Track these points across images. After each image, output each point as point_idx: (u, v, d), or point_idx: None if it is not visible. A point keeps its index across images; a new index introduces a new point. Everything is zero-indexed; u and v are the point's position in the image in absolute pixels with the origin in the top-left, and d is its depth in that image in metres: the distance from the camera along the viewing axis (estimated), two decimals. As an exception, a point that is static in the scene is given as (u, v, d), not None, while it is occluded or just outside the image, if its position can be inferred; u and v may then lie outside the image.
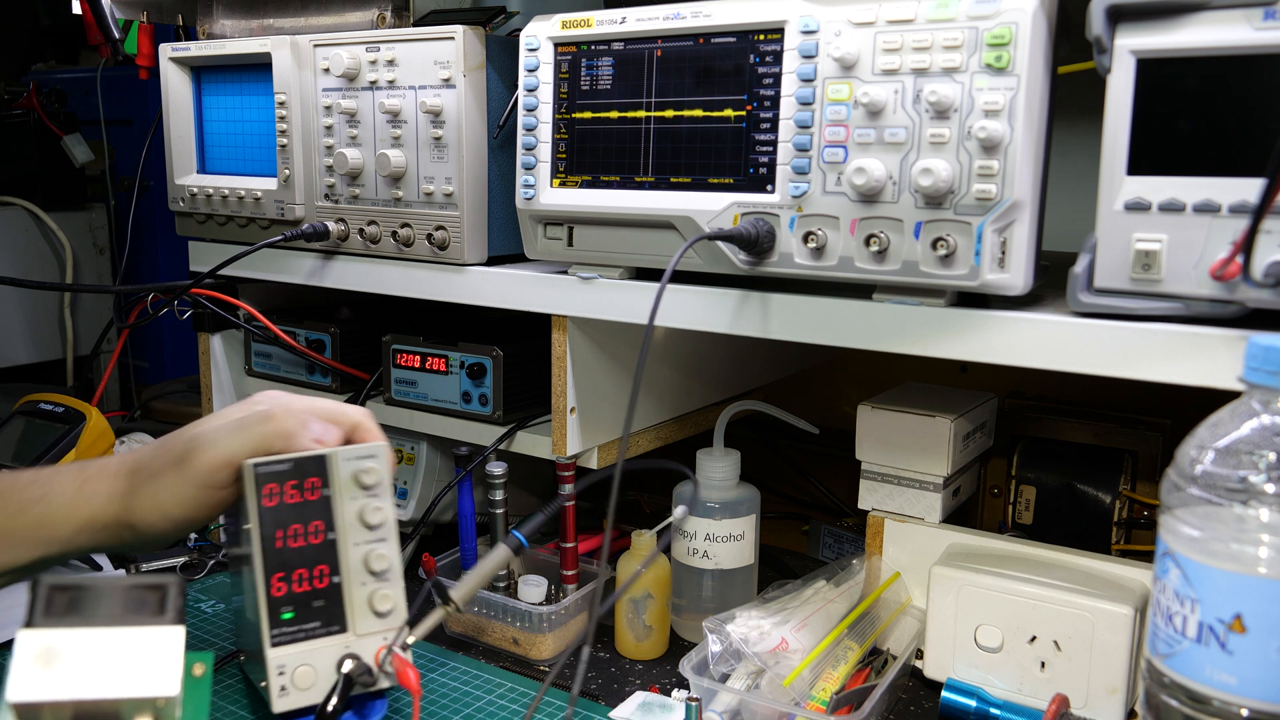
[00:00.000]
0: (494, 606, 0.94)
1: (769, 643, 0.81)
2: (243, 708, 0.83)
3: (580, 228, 0.88)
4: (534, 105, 0.88)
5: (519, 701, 0.85)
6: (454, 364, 1.03)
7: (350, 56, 0.99)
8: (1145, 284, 0.66)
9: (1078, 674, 0.79)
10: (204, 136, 1.18)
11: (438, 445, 1.12)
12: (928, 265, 0.72)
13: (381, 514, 0.75)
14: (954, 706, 0.81)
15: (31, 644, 0.43)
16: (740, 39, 0.78)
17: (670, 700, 0.85)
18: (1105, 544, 0.98)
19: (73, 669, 0.43)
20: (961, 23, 0.69)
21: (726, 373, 1.14)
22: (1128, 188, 0.67)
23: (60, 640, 0.44)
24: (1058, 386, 1.12)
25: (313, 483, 0.74)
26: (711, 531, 0.94)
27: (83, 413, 1.11)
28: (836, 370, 1.30)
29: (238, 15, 1.14)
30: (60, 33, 2.08)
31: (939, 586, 0.85)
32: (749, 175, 0.79)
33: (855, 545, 1.14)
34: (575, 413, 0.94)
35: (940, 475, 0.91)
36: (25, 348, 1.61)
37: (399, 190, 0.99)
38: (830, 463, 1.24)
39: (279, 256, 1.11)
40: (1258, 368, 0.56)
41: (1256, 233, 0.61)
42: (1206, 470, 0.57)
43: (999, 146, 0.68)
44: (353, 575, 0.75)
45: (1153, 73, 0.65)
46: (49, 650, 0.44)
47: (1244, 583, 0.55)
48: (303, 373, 1.18)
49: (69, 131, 1.64)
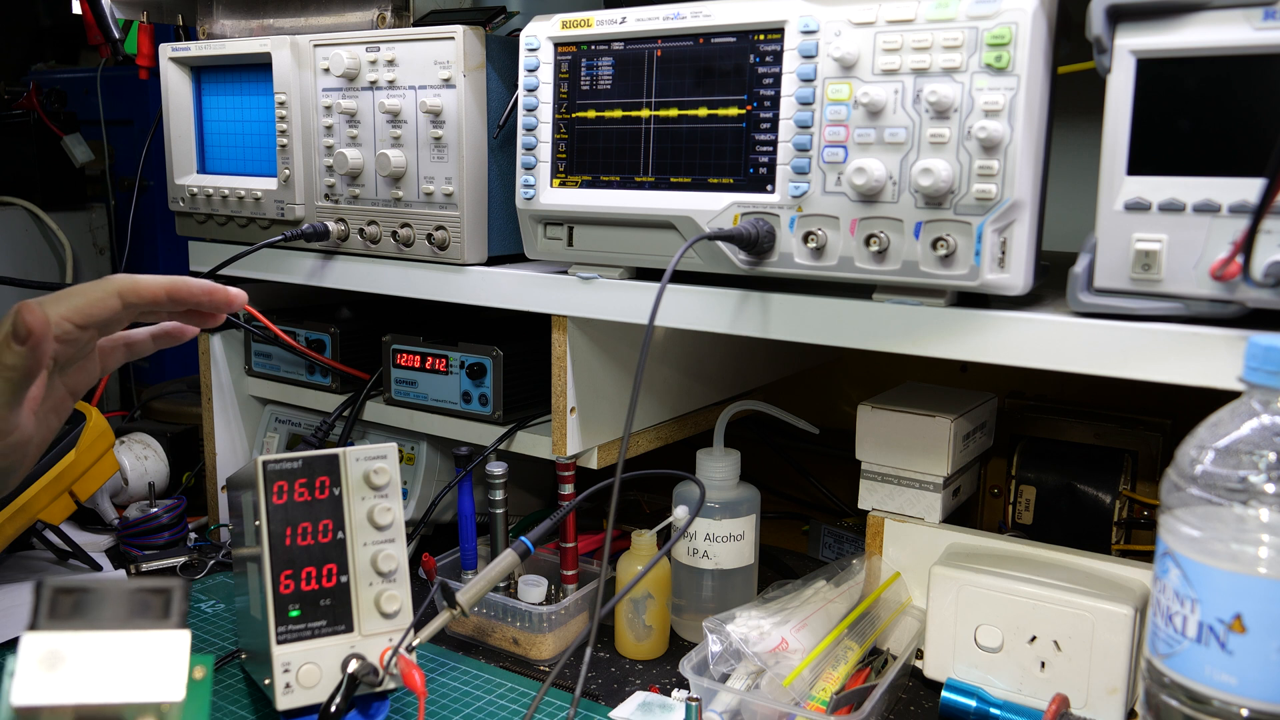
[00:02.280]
0: (494, 607, 0.94)
1: (769, 643, 0.81)
2: (243, 708, 0.83)
3: (580, 228, 0.88)
4: (534, 105, 0.88)
5: (519, 702, 0.85)
6: (454, 364, 1.03)
7: (350, 56, 0.99)
8: (1145, 284, 0.66)
9: (1078, 674, 0.79)
10: (204, 136, 1.18)
11: (438, 445, 1.12)
12: (928, 265, 0.72)
13: (391, 514, 0.76)
14: (954, 706, 0.81)
15: (36, 647, 0.43)
16: (740, 39, 0.78)
17: (670, 700, 0.85)
18: (1105, 544, 0.98)
19: (77, 673, 0.43)
20: (961, 23, 0.69)
21: (726, 373, 1.14)
22: (1128, 188, 0.67)
23: (64, 644, 0.44)
24: (1058, 386, 1.12)
25: (323, 481, 0.74)
26: (711, 531, 0.94)
27: (82, 413, 1.11)
28: (836, 370, 1.30)
29: (238, 15, 1.14)
30: (60, 33, 2.07)
31: (939, 586, 0.85)
32: (749, 175, 0.79)
33: (855, 545, 1.14)
34: (575, 413, 0.94)
35: (940, 475, 0.91)
36: (25, 348, 1.61)
37: (399, 190, 0.99)
38: (830, 463, 1.24)
39: (279, 256, 1.11)
40: (1258, 368, 0.56)
41: (1256, 233, 0.61)
42: (1206, 470, 0.57)
43: (999, 146, 0.68)
44: (360, 575, 0.75)
45: (1153, 73, 0.65)
46: (53, 653, 0.43)
47: (1244, 583, 0.55)
48: (303, 372, 1.18)
49: (69, 131, 1.64)
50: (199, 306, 0.78)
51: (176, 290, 0.76)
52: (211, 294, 0.78)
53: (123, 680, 0.44)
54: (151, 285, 0.74)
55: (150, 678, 0.44)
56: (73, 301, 0.71)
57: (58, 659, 0.43)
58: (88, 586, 0.45)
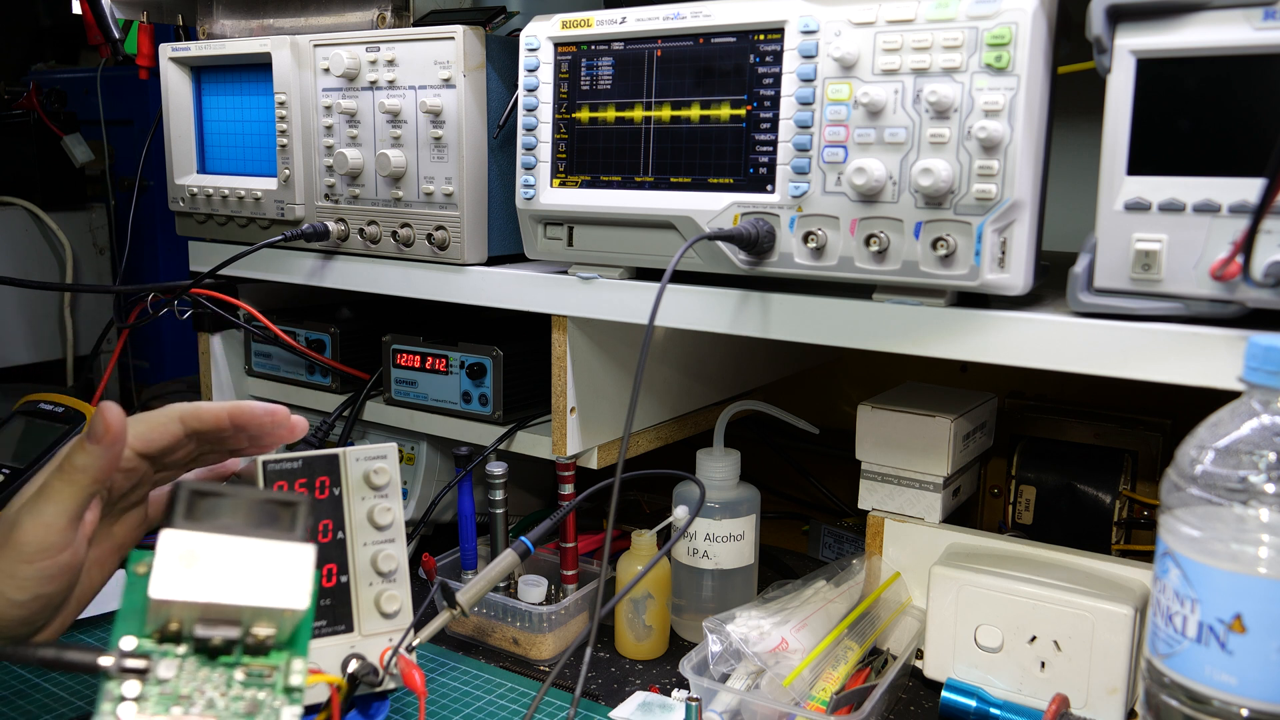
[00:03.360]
0: (494, 607, 0.94)
1: (769, 643, 0.81)
2: (243, 708, 0.83)
3: (580, 228, 0.88)
4: (534, 105, 0.88)
5: (519, 702, 0.85)
6: (454, 364, 1.03)
7: (350, 56, 0.99)
8: (1145, 284, 0.66)
9: (1078, 674, 0.79)
10: (204, 136, 1.18)
11: (438, 445, 1.12)
12: (928, 265, 0.72)
13: (391, 514, 0.76)
14: (954, 706, 0.81)
15: (175, 544, 0.46)
16: (740, 39, 0.78)
17: (670, 700, 0.85)
18: (1105, 544, 0.98)
19: (209, 572, 0.45)
20: (961, 23, 0.69)
21: (726, 373, 1.14)
22: (1128, 188, 0.67)
23: (199, 544, 0.46)
24: (1058, 386, 1.12)
25: (323, 481, 0.74)
26: (711, 531, 0.94)
27: (83, 413, 1.11)
28: (836, 370, 1.30)
29: (238, 15, 1.14)
30: (60, 33, 2.07)
31: (939, 586, 0.85)
32: (749, 175, 0.79)
33: (855, 545, 1.14)
34: (575, 413, 0.94)
35: (940, 475, 0.91)
36: (25, 348, 1.61)
37: (399, 190, 0.99)
38: (830, 463, 1.24)
39: (279, 256, 1.11)
40: (1258, 368, 0.56)
41: (1256, 233, 0.61)
42: (1206, 470, 0.57)
43: (999, 146, 0.68)
44: (360, 575, 0.75)
45: (1153, 73, 0.65)
46: (190, 552, 0.46)
47: (1244, 583, 0.55)
48: (303, 373, 1.18)
49: (69, 131, 1.64)
50: (260, 430, 0.73)
51: (239, 414, 0.72)
52: (274, 414, 0.73)
53: (252, 584, 0.46)
54: (213, 409, 0.71)
55: (277, 585, 0.46)
56: (134, 427, 0.67)
57: (194, 557, 0.45)
58: (222, 492, 0.48)
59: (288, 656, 0.50)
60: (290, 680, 0.49)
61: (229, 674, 0.49)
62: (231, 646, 0.49)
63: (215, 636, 0.48)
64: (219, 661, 0.49)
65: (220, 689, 0.48)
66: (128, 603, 0.49)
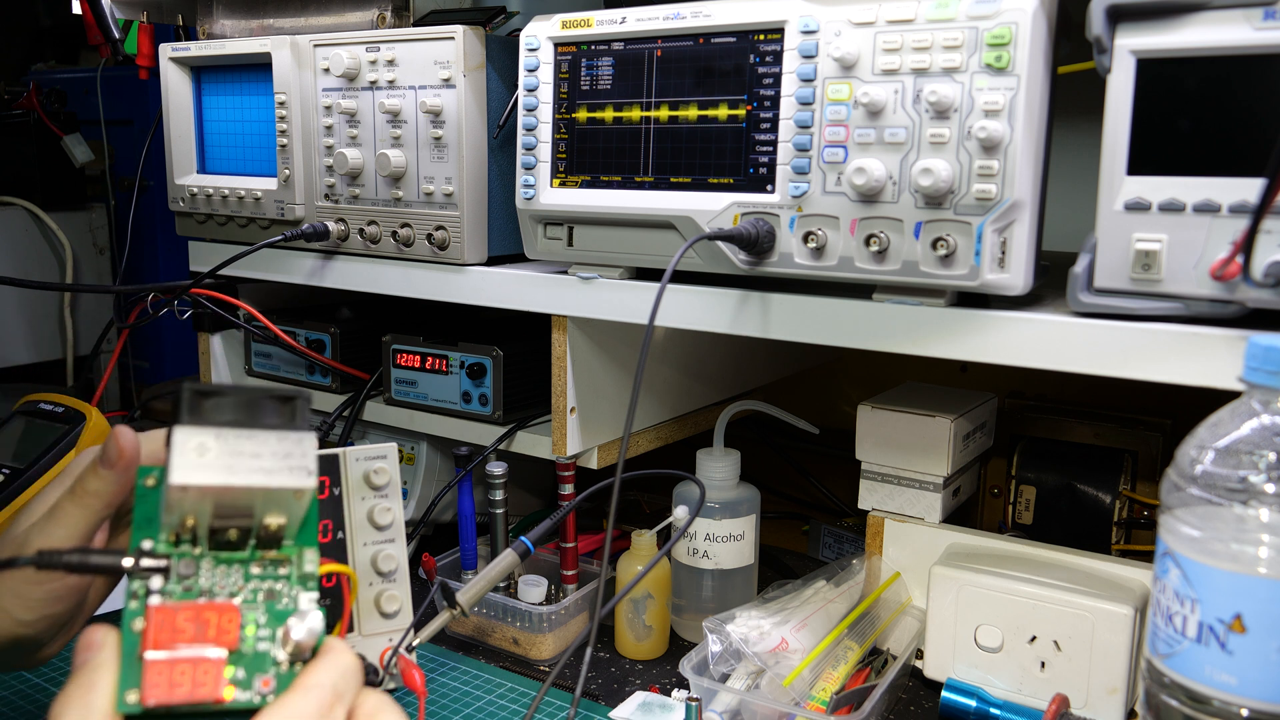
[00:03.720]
0: (494, 607, 0.94)
1: (769, 643, 0.81)
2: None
3: (580, 228, 0.88)
4: (534, 105, 0.88)
5: (519, 702, 0.85)
6: (454, 364, 1.03)
7: (350, 56, 0.99)
8: (1145, 284, 0.66)
9: (1078, 674, 0.79)
10: (204, 136, 1.18)
11: (438, 445, 1.12)
12: (928, 265, 0.72)
13: (391, 515, 0.76)
14: (954, 706, 0.81)
15: (188, 437, 0.48)
16: (740, 39, 0.78)
17: (670, 700, 0.85)
18: (1105, 544, 0.98)
19: (224, 460, 0.48)
20: (961, 23, 0.69)
21: (726, 373, 1.14)
22: (1128, 188, 0.67)
23: (210, 436, 0.49)
24: (1058, 386, 1.12)
25: (323, 481, 0.74)
26: (711, 531, 0.94)
27: (83, 413, 1.10)
28: (836, 370, 1.30)
29: (238, 15, 1.14)
30: (60, 33, 2.07)
31: (939, 586, 0.85)
32: (749, 175, 0.79)
33: (855, 545, 1.14)
34: (575, 413, 0.94)
35: (940, 475, 0.91)
36: (25, 348, 1.61)
37: (399, 190, 0.99)
38: (830, 463, 1.24)
39: (279, 256, 1.11)
40: (1258, 368, 0.56)
41: (1256, 233, 0.61)
42: (1206, 470, 0.57)
43: (999, 146, 0.68)
44: (360, 575, 0.75)
45: (1153, 73, 0.65)
46: (202, 444, 0.48)
47: (1244, 583, 0.55)
48: (303, 373, 1.18)
49: (69, 131, 1.64)
50: None
51: None
52: None
53: (262, 468, 0.49)
54: None
55: (285, 467, 0.49)
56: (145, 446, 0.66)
57: (207, 448, 0.48)
58: (223, 390, 0.51)
59: (299, 548, 0.52)
60: (304, 568, 0.51)
61: (245, 569, 0.51)
62: (245, 541, 0.51)
63: (230, 528, 0.51)
64: (234, 558, 0.51)
65: (239, 582, 0.50)
66: (140, 514, 0.52)
